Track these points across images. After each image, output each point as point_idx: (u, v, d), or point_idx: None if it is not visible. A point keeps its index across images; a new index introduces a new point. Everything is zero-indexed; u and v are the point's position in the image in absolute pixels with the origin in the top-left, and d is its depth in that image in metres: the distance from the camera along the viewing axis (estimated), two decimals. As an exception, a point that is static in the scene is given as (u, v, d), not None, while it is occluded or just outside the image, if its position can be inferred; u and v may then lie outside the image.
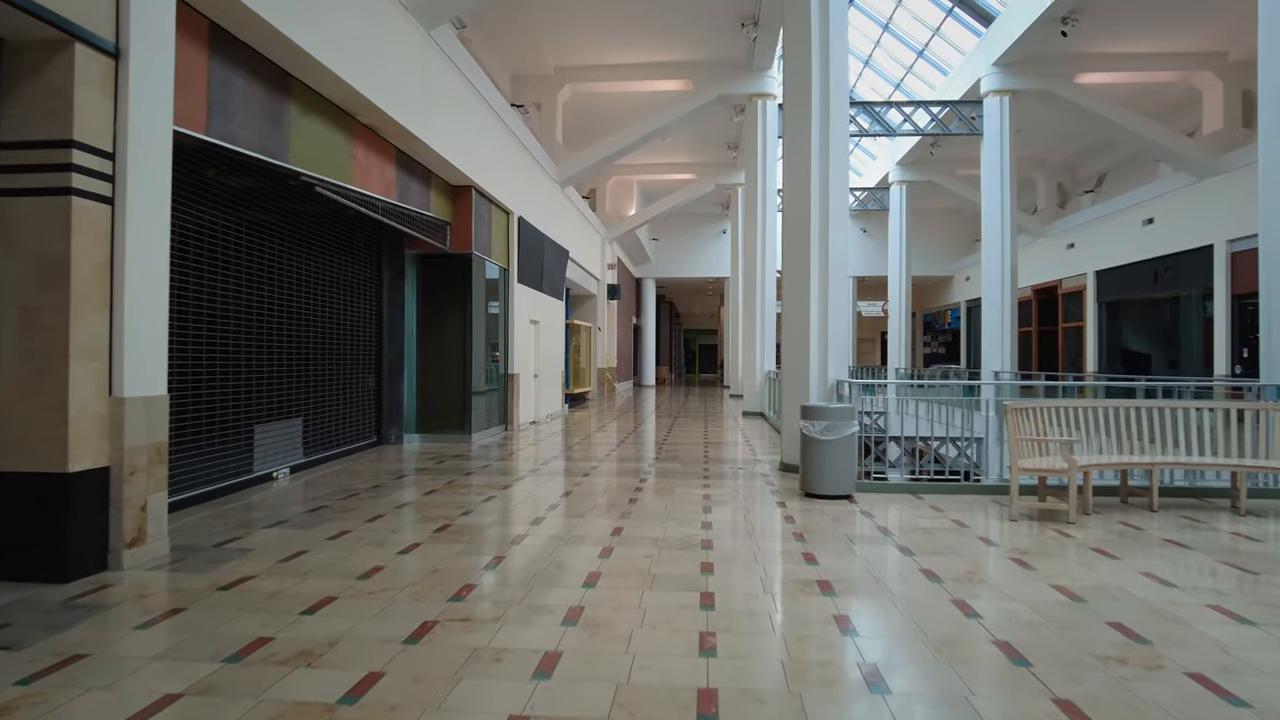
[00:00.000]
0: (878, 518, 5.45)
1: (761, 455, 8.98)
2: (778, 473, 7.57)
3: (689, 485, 6.76)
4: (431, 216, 9.44)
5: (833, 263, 7.47)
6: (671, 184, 24.23)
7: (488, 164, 10.51)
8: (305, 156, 6.58)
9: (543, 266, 13.50)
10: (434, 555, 4.32)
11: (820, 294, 7.45)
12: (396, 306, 9.99)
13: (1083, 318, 20.50)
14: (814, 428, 6.07)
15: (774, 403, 14.10)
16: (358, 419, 9.22)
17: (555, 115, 15.52)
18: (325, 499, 6.07)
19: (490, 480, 7.00)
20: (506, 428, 11.63)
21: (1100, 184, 21.45)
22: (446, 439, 10.12)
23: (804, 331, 7.47)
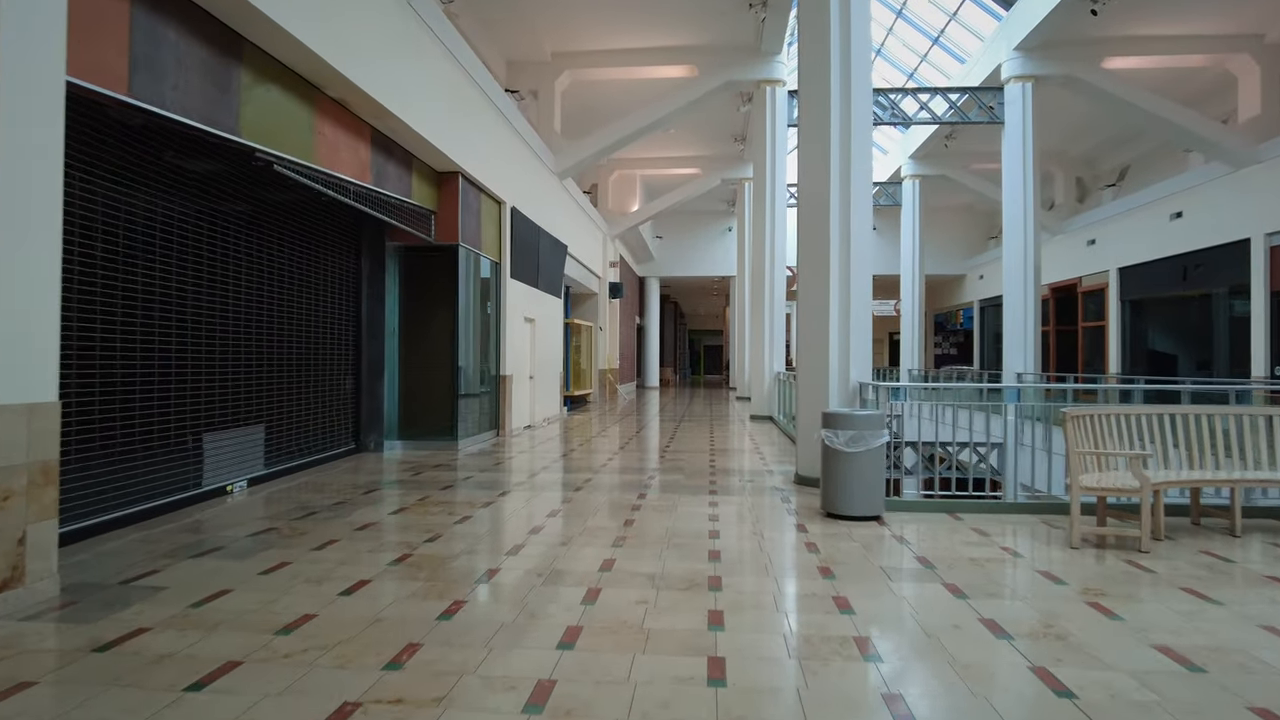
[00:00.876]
0: (914, 544, 4.65)
1: (773, 465, 8.18)
2: (793, 486, 6.77)
3: (693, 502, 5.97)
4: (413, 204, 8.67)
5: (855, 257, 6.68)
6: (676, 179, 23.44)
7: (477, 149, 9.75)
8: (261, 130, 5.81)
9: (539, 261, 12.73)
10: (381, 598, 3.53)
11: (841, 291, 6.66)
12: (376, 302, 9.22)
13: (1104, 317, 19.63)
14: (837, 438, 5.27)
15: (784, 406, 13.30)
16: (332, 425, 8.46)
17: (553, 104, 14.75)
18: (278, 518, 5.30)
19: (470, 495, 6.22)
20: (498, 433, 10.86)
21: (1122, 178, 20.57)
22: (431, 446, 9.35)
23: (822, 331, 6.68)
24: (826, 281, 6.66)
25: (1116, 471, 4.88)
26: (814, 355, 6.75)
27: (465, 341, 9.86)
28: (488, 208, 10.47)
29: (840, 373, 6.63)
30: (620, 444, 10.28)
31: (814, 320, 6.76)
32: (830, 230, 6.66)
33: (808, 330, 6.83)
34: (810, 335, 6.80)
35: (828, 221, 6.67)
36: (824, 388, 6.65)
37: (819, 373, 6.69)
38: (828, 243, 6.67)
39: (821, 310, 6.69)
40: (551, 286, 13.82)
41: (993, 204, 26.06)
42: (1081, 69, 14.32)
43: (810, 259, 6.84)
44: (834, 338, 6.64)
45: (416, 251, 9.56)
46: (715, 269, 28.95)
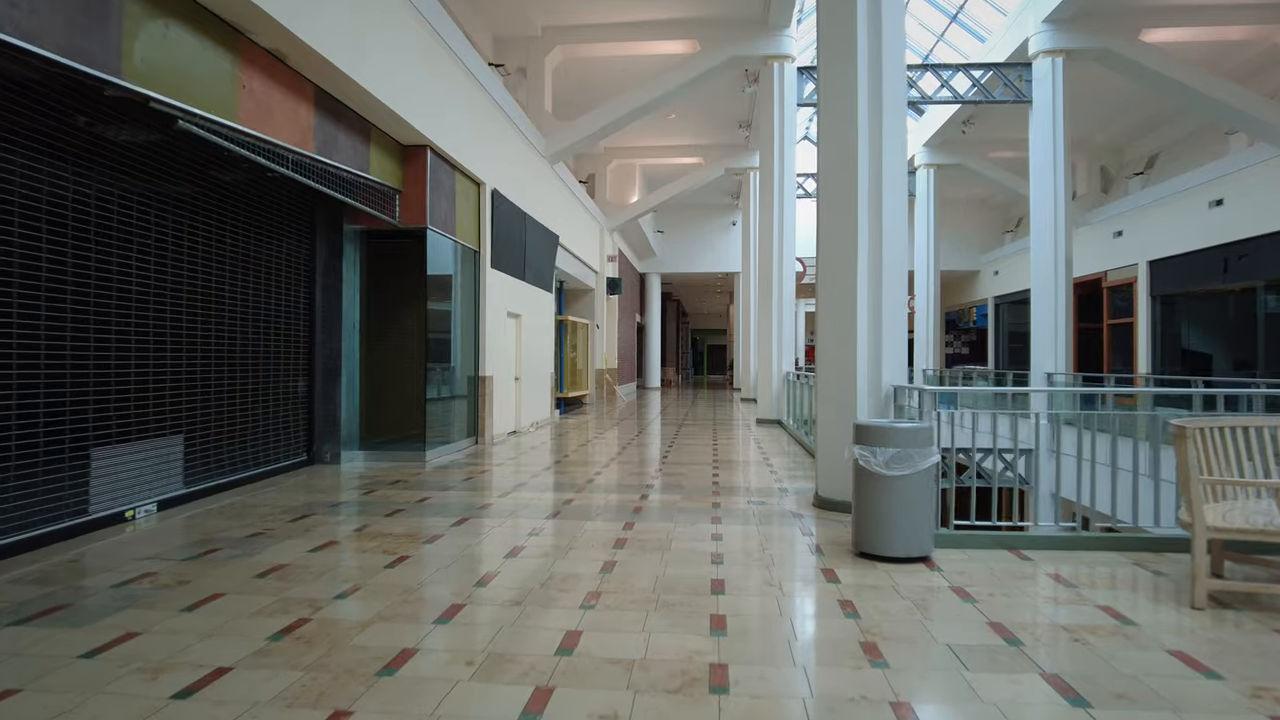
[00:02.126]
0: (982, 602, 3.51)
1: (786, 480, 7.04)
2: (811, 510, 5.64)
3: (692, 533, 4.84)
4: (371, 180, 7.55)
5: (888, 244, 5.55)
6: (677, 169, 22.30)
7: (449, 121, 8.63)
8: (157, 76, 4.70)
9: (525, 252, 11.61)
10: (229, 703, 2.42)
11: (871, 283, 5.53)
12: (333, 293, 8.11)
13: (1132, 313, 18.47)
14: (875, 458, 4.13)
15: (794, 409, 12.16)
16: (278, 433, 7.35)
17: (543, 82, 13.63)
18: (166, 557, 4.19)
19: (419, 524, 5.10)
20: (477, 440, 9.74)
21: (1151, 165, 19.36)
22: (396, 457, 8.23)
23: (848, 329, 5.55)
24: (853, 274, 5.53)
25: (1244, 503, 3.73)
26: (838, 356, 5.62)
27: (437, 338, 8.74)
28: (464, 189, 9.35)
29: (870, 376, 5.50)
30: (613, 453, 9.16)
31: (838, 317, 5.63)
32: (858, 217, 5.54)
33: (830, 328, 5.70)
34: (833, 334, 5.67)
35: (855, 207, 5.54)
36: (850, 393, 5.51)
37: (844, 376, 5.55)
38: (854, 231, 5.54)
39: (846, 306, 5.56)
40: (540, 280, 12.70)
41: (1009, 196, 24.87)
42: (1117, 42, 13.15)
43: (833, 249, 5.71)
44: (863, 336, 5.51)
45: (380, 236, 8.44)
46: (719, 265, 27.81)
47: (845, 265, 5.59)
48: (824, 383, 5.73)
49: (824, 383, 5.73)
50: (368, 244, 8.45)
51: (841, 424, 5.57)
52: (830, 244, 5.74)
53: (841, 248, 5.62)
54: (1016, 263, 25.06)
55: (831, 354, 5.68)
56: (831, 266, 5.71)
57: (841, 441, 5.52)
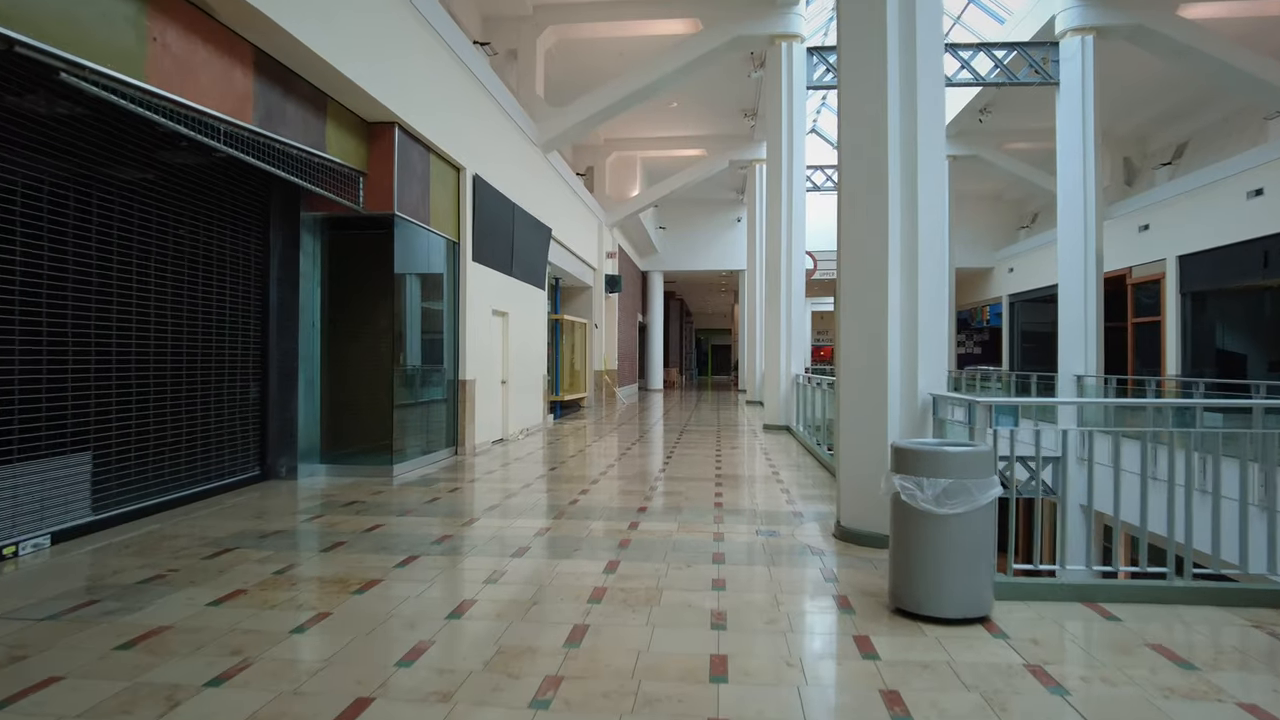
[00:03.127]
0: (1077, 692, 2.60)
1: (800, 501, 6.12)
2: (832, 543, 4.72)
3: (688, 580, 3.93)
4: (329, 160, 6.67)
5: (925, 232, 4.63)
6: (679, 161, 21.39)
7: (423, 97, 7.74)
8: (25, 13, 3.82)
9: (513, 244, 10.72)
10: None
11: (905, 275, 4.62)
12: (289, 287, 7.23)
13: (1160, 311, 17.48)
14: (922, 492, 3.22)
15: (804, 414, 11.24)
16: (223, 446, 6.47)
17: (535, 64, 12.74)
18: (22, 613, 3.30)
19: (354, 566, 4.20)
20: (456, 450, 8.85)
21: (1179, 155, 18.35)
22: (361, 470, 7.35)
23: (877, 327, 4.64)
24: (883, 266, 4.62)
25: None
26: (865, 360, 4.70)
27: (409, 338, 7.86)
28: (440, 173, 8.46)
29: (904, 383, 4.58)
30: (606, 465, 8.25)
31: (864, 315, 4.72)
32: (889, 201, 4.62)
33: (855, 329, 4.78)
34: (858, 335, 4.76)
35: (885, 189, 4.63)
36: (879, 404, 4.60)
37: (872, 383, 4.64)
38: (885, 217, 4.62)
39: (875, 302, 4.65)
40: (531, 276, 11.81)
41: (1025, 190, 23.88)
42: (1151, 17, 12.18)
43: (859, 239, 4.80)
44: (895, 337, 4.59)
45: (344, 225, 7.55)
46: (723, 263, 26.87)
47: (873, 257, 4.68)
48: (847, 391, 4.81)
49: (847, 391, 4.81)
50: (330, 233, 7.57)
51: (868, 440, 4.66)
52: (855, 234, 4.83)
53: (869, 237, 4.71)
54: (1033, 259, 24.08)
55: (857, 357, 4.77)
56: (856, 259, 4.80)
57: (868, 460, 4.62)
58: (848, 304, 4.83)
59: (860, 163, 4.80)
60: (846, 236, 4.87)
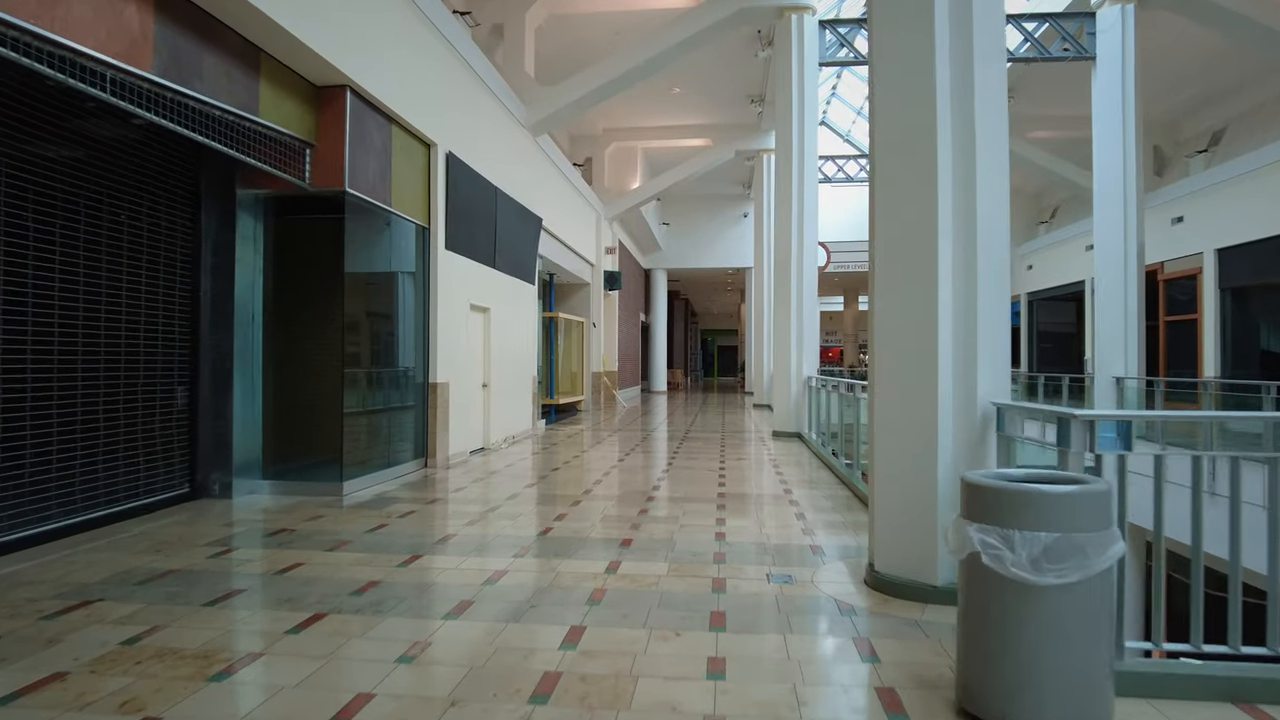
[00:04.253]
0: None
1: (819, 530, 5.09)
2: (864, 594, 3.69)
3: (675, 662, 2.90)
4: (263, 125, 5.67)
5: (985, 207, 3.61)
6: (683, 151, 20.34)
7: (383, 60, 6.76)
8: None
9: (496, 234, 9.72)
10: None
11: (959, 260, 3.60)
12: (223, 276, 6.24)
13: (1196, 308, 16.35)
14: (1013, 551, 2.18)
15: (817, 420, 10.20)
16: (142, 461, 5.49)
17: (523, 41, 11.74)
18: None
19: (237, 629, 3.20)
20: (425, 463, 7.85)
21: (1216, 142, 17.19)
22: (309, 488, 6.35)
23: (923, 322, 3.61)
24: (931, 251, 3.59)
25: None
26: (907, 362, 3.67)
27: (366, 335, 6.88)
28: (405, 149, 7.46)
29: (958, 391, 3.55)
30: (593, 481, 7.23)
31: (906, 308, 3.70)
32: (938, 173, 3.60)
33: (893, 324, 3.75)
34: (898, 331, 3.73)
35: (933, 169, 3.60)
36: (926, 418, 3.56)
37: (918, 392, 3.60)
38: (933, 193, 3.60)
39: (920, 294, 3.62)
40: (518, 269, 10.81)
41: (1044, 183, 22.74)
42: (1199, -15, 11.10)
43: (898, 222, 3.77)
44: (946, 333, 3.56)
45: (291, 205, 6.56)
46: (730, 260, 25.83)
47: (918, 241, 3.65)
48: (884, 401, 3.77)
49: (884, 401, 3.77)
50: (275, 215, 6.58)
51: (911, 463, 3.63)
52: (893, 214, 3.79)
53: (913, 219, 3.68)
54: (1053, 256, 22.97)
55: (896, 359, 3.73)
56: (896, 245, 3.76)
57: (910, 489, 3.59)
58: (885, 295, 3.79)
59: (900, 132, 3.78)
60: (881, 227, 3.83)
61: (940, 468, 3.55)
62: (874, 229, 3.88)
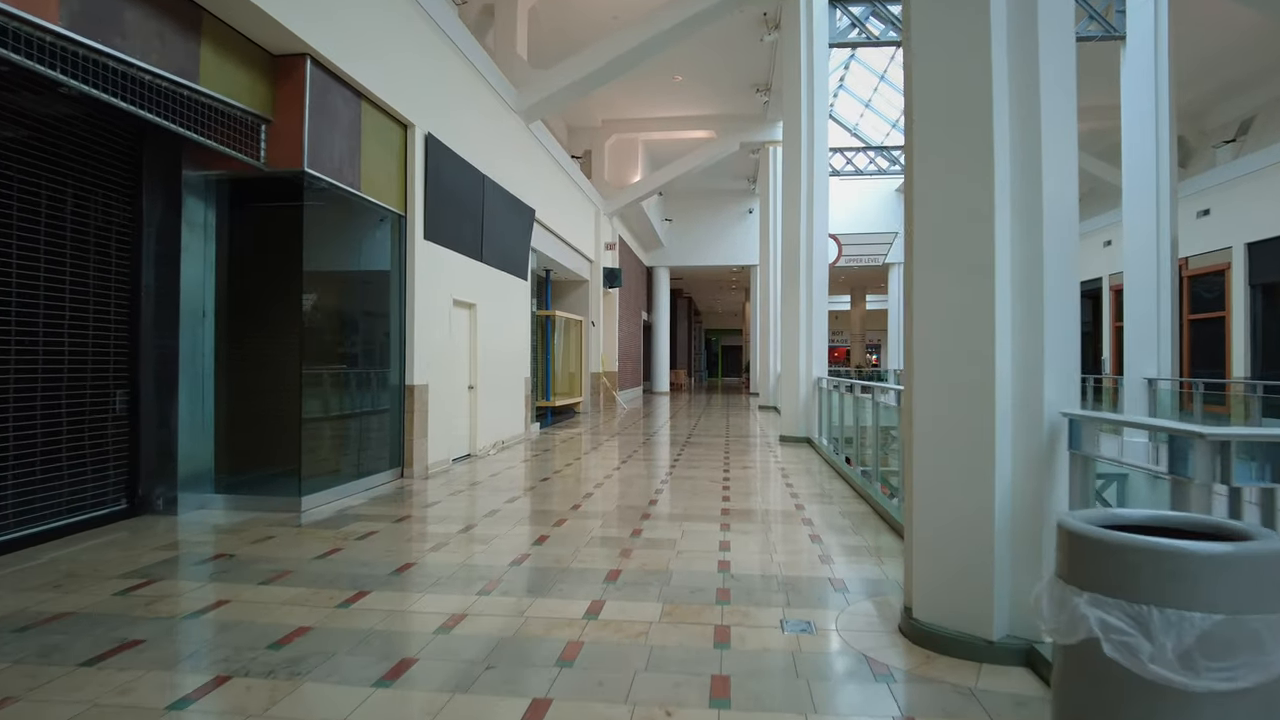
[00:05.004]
0: None
1: (839, 559, 4.39)
2: (900, 647, 2.99)
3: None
4: (206, 95, 5.01)
5: (1052, 184, 2.93)
6: (685, 144, 19.66)
7: (350, 28, 6.09)
8: None
9: (483, 225, 9.05)
10: None
11: (1022, 246, 2.92)
12: (168, 267, 5.58)
13: (1225, 306, 15.62)
14: (1152, 640, 1.48)
15: (827, 423, 9.52)
16: (70, 474, 4.83)
17: (515, 22, 11.07)
18: None
19: (87, 709, 2.53)
20: (402, 472, 7.18)
21: (1245, 131, 16.45)
22: (265, 502, 5.68)
23: (977, 317, 2.92)
24: (988, 235, 2.90)
25: None
26: (956, 368, 2.98)
27: (329, 332, 6.21)
28: (377, 128, 6.79)
29: (1021, 402, 2.86)
30: (583, 494, 6.55)
31: (953, 301, 3.01)
32: (994, 147, 2.92)
33: (936, 322, 3.06)
34: (942, 330, 3.04)
35: (989, 134, 2.93)
36: (979, 433, 2.87)
37: (970, 401, 2.91)
38: (990, 172, 2.91)
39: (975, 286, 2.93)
40: (509, 263, 10.13)
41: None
42: (1239, -43, 10.36)
43: (942, 207, 3.09)
44: (1004, 331, 2.88)
45: (245, 187, 5.90)
46: (734, 257, 25.14)
47: (970, 221, 2.97)
48: (926, 410, 3.07)
49: (926, 410, 3.07)
50: (229, 199, 5.91)
51: (959, 488, 2.94)
52: (939, 191, 3.10)
53: (964, 196, 2.99)
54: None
55: (941, 361, 3.04)
56: (942, 228, 3.07)
57: (957, 520, 2.90)
58: (927, 287, 3.10)
59: (946, 93, 3.09)
60: (926, 197, 3.14)
61: (998, 494, 2.85)
62: (913, 210, 3.18)
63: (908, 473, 3.18)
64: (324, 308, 6.10)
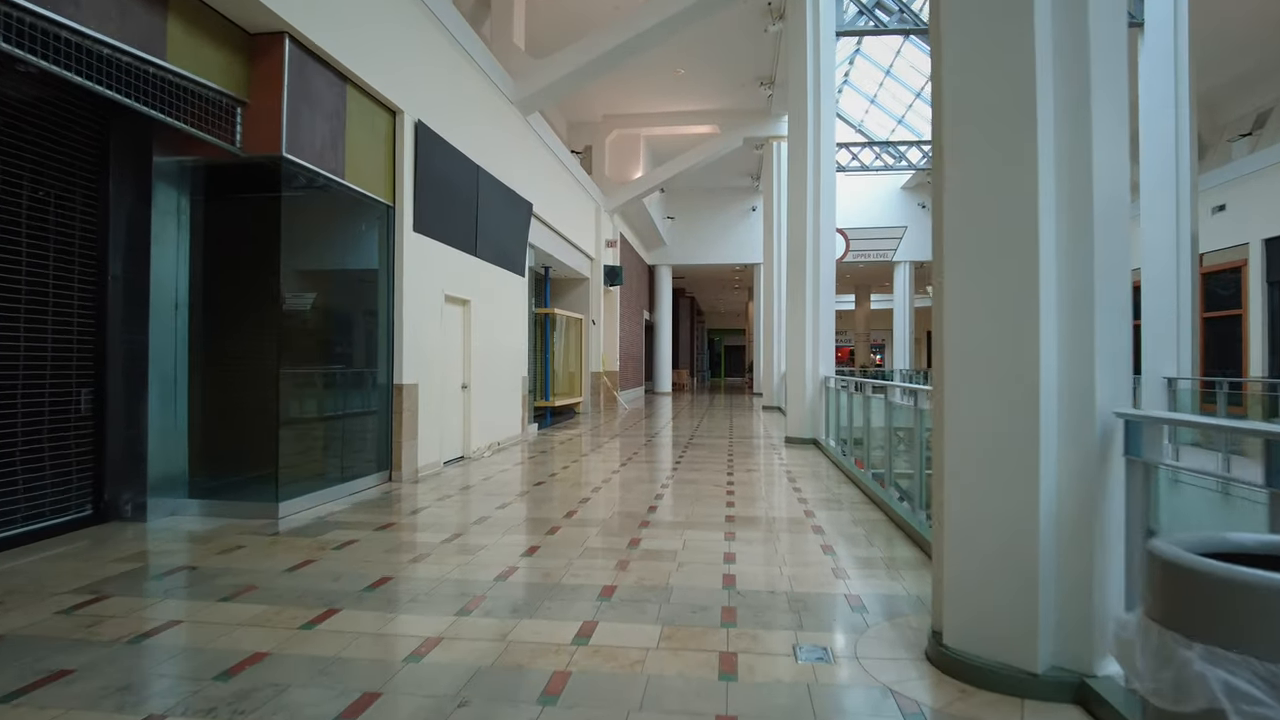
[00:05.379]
0: None
1: (854, 573, 4.04)
2: (928, 680, 2.64)
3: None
4: (173, 72, 4.68)
5: (1104, 162, 2.57)
6: (687, 139, 19.31)
7: (333, 5, 5.76)
8: None
9: (477, 218, 8.71)
10: None
11: (1071, 228, 2.57)
12: (137, 258, 5.25)
13: (1241, 304, 15.28)
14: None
15: (836, 425, 9.17)
16: (25, 478, 4.50)
17: (512, 8, 10.74)
18: None
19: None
20: (390, 476, 6.84)
21: (1262, 125, 16.05)
22: (241, 507, 5.35)
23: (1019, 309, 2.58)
24: (1031, 217, 2.56)
25: None
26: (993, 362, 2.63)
27: (312, 328, 5.88)
28: (363, 114, 6.45)
29: (1068, 401, 2.51)
30: (579, 499, 6.20)
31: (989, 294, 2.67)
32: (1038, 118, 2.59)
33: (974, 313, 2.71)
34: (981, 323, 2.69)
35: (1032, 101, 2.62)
36: (1024, 435, 2.52)
37: (1011, 400, 2.56)
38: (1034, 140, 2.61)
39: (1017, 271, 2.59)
40: (504, 258, 9.79)
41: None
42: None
43: (976, 183, 2.74)
44: (1050, 323, 2.53)
45: (221, 173, 5.57)
46: (737, 256, 24.78)
47: (1010, 198, 2.62)
48: (959, 411, 2.72)
49: (959, 411, 2.72)
50: (205, 187, 5.58)
51: (1000, 498, 2.59)
52: (974, 164, 2.75)
53: (1002, 170, 2.65)
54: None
55: (976, 355, 2.69)
56: (978, 208, 2.72)
57: (996, 535, 2.56)
58: (961, 274, 2.75)
59: (981, 58, 2.74)
60: (959, 173, 2.79)
61: (1043, 505, 2.50)
62: (944, 189, 2.83)
63: (938, 481, 2.83)
64: (306, 302, 5.77)
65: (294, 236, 5.55)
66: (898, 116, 22.63)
